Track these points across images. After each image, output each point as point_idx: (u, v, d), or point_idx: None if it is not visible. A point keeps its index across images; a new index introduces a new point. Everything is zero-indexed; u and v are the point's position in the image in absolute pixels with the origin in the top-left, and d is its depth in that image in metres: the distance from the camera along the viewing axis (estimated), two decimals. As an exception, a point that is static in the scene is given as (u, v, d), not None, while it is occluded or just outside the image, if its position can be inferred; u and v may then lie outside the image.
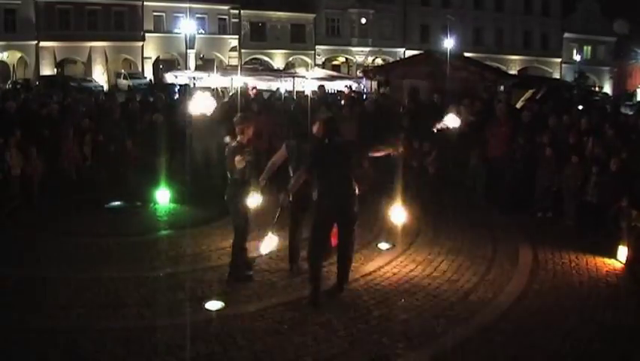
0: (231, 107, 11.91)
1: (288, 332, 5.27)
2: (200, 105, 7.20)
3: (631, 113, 17.70)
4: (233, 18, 45.54)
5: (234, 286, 6.34)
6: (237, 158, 6.08)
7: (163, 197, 9.86)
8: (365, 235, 7.86)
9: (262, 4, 45.18)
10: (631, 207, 7.51)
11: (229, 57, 44.75)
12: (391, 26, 50.34)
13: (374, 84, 23.44)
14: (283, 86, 28.69)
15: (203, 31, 43.72)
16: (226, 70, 34.09)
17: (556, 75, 51.03)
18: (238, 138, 6.42)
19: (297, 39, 48.02)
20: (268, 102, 13.86)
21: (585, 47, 56.10)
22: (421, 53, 22.03)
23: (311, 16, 47.92)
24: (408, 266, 7.05)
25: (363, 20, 48.83)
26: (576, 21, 54.50)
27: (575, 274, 6.94)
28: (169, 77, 34.93)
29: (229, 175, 6.34)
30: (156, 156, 10.73)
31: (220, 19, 45.44)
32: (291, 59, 47.67)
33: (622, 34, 53.41)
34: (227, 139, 6.81)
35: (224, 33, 45.53)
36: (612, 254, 7.42)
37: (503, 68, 41.62)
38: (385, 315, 5.68)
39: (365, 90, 27.50)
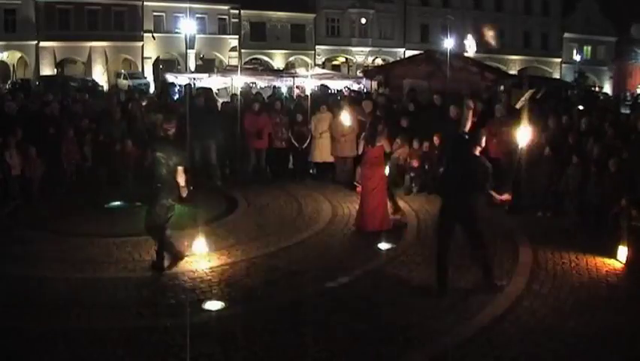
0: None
1: (288, 332, 5.27)
2: None
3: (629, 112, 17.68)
4: (233, 18, 45.49)
5: (234, 286, 6.35)
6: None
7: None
8: (365, 236, 7.86)
9: (262, 4, 45.12)
10: (631, 207, 7.51)
11: (229, 57, 44.71)
12: (391, 26, 50.32)
13: (374, 84, 23.41)
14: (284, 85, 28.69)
15: (203, 32, 43.69)
16: (226, 70, 34.01)
17: (557, 75, 51.02)
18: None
19: (297, 39, 47.98)
20: (268, 102, 13.87)
21: (585, 47, 56.09)
22: (421, 53, 21.97)
23: (311, 16, 47.89)
24: (408, 266, 7.05)
25: (363, 20, 48.80)
26: (576, 21, 54.48)
27: (575, 274, 6.93)
28: (169, 78, 34.84)
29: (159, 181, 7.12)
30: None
31: (220, 19, 45.38)
32: (291, 59, 47.65)
33: None
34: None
35: (224, 33, 45.48)
36: (612, 254, 7.40)
37: (503, 68, 41.57)
38: (385, 315, 5.68)
39: (365, 90, 27.45)
